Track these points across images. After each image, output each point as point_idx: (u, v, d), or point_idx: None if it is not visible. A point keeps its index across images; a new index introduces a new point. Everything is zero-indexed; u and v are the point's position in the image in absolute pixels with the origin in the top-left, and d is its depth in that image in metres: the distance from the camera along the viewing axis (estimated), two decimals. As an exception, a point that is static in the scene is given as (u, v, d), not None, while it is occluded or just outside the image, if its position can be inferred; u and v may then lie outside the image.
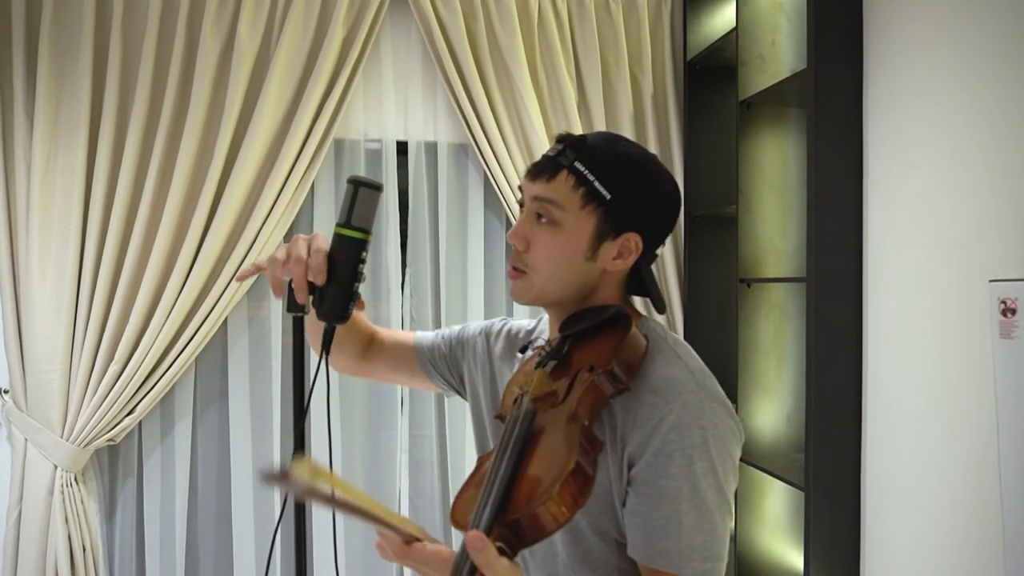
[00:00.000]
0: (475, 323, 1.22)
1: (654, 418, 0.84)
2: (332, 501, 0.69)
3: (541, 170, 0.94)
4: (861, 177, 2.00)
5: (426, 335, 1.25)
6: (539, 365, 0.92)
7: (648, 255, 0.97)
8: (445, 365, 1.21)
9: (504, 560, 0.71)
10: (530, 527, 0.72)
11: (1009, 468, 1.27)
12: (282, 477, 0.68)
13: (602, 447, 0.79)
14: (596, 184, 0.91)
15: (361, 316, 1.20)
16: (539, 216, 0.94)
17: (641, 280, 0.98)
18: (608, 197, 0.91)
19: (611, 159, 0.93)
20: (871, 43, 1.98)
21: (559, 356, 0.91)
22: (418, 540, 0.77)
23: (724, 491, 0.86)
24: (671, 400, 0.85)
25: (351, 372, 1.27)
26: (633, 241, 0.94)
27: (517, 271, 0.96)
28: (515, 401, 0.90)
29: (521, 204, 0.98)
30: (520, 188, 0.98)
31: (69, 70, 2.16)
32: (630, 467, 0.87)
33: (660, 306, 0.96)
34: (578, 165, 0.92)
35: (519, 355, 1.08)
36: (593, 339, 0.91)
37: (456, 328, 1.23)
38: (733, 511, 0.89)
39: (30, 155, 2.13)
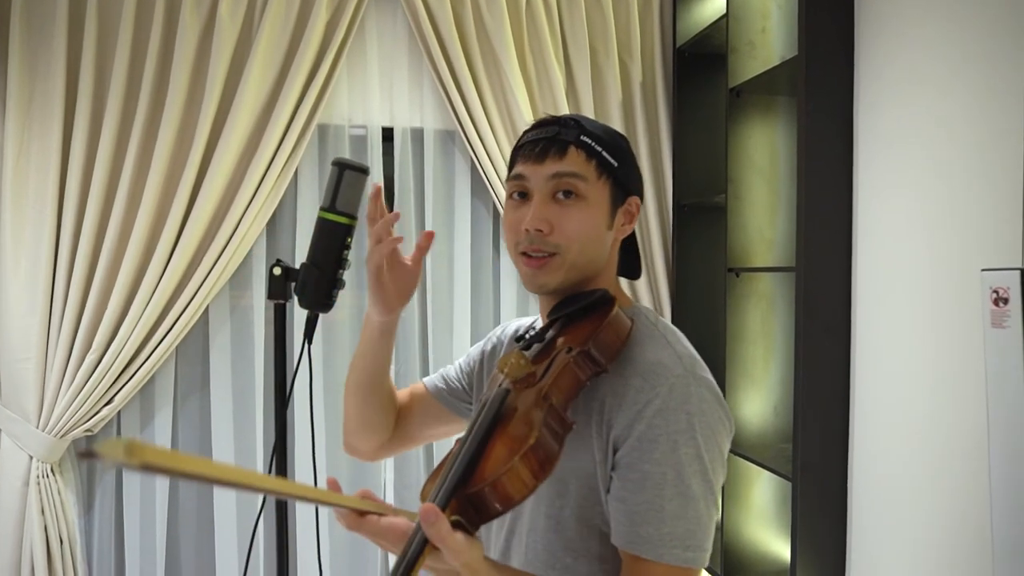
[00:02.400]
0: (477, 344, 1.18)
1: (639, 402, 0.84)
2: (173, 473, 0.55)
3: (545, 150, 0.93)
4: (851, 166, 1.99)
5: (433, 376, 1.20)
6: (523, 348, 0.92)
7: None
8: (465, 394, 1.17)
9: (459, 535, 0.70)
10: (490, 499, 0.73)
11: (999, 458, 1.26)
12: (89, 455, 0.60)
13: (571, 428, 0.79)
14: (604, 154, 0.93)
15: (392, 386, 1.13)
16: (556, 194, 0.92)
17: (628, 248, 1.03)
18: (616, 165, 0.94)
19: (602, 129, 0.96)
20: (863, 30, 1.96)
21: (543, 339, 0.91)
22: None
23: (710, 479, 0.84)
24: (657, 384, 0.84)
25: (386, 454, 1.18)
26: (635, 204, 0.98)
27: (540, 258, 0.93)
28: (499, 386, 0.89)
29: (522, 192, 0.95)
30: (516, 176, 0.95)
31: (43, 50, 2.10)
32: (614, 451, 0.86)
33: (637, 272, 1.02)
34: (584, 139, 0.93)
35: (515, 344, 1.06)
36: (578, 322, 0.91)
37: (462, 357, 1.20)
38: (719, 502, 0.87)
39: (2, 139, 2.07)
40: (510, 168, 0.97)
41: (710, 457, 0.84)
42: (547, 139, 0.93)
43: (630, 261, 1.04)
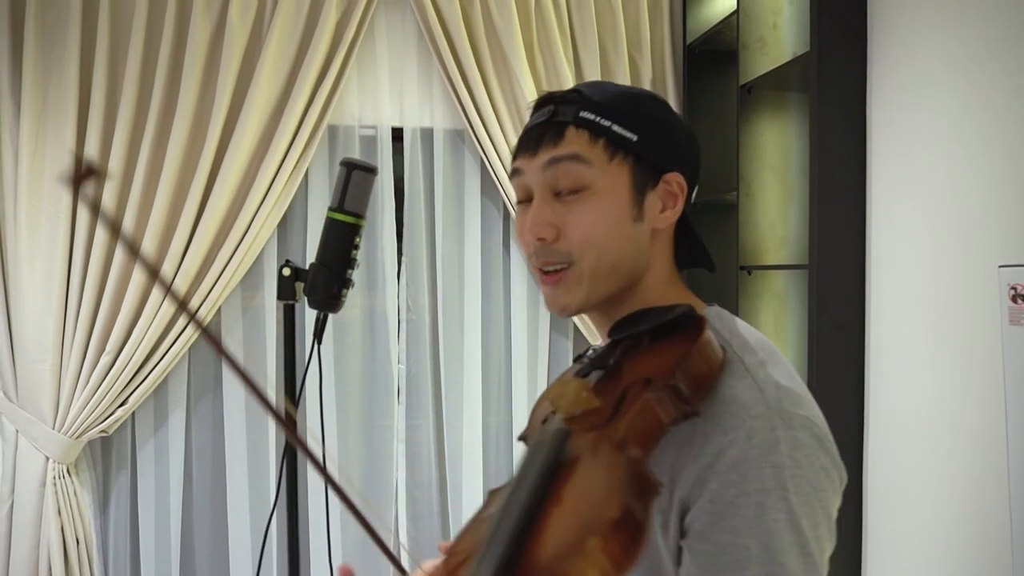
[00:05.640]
0: None
1: (709, 452, 0.65)
2: None
3: (539, 139, 0.76)
4: (864, 162, 1.97)
5: None
6: (579, 375, 0.72)
7: (689, 198, 0.80)
8: None
9: None
10: None
11: (1018, 458, 1.25)
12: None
13: (659, 491, 0.58)
14: (615, 128, 0.74)
15: None
16: (558, 192, 0.75)
17: (687, 238, 0.82)
18: (635, 139, 0.75)
19: (616, 98, 0.77)
20: (875, 25, 1.94)
21: (605, 365, 0.70)
22: None
23: (812, 553, 0.64)
24: (731, 429, 0.65)
25: None
26: (675, 182, 0.78)
27: (554, 272, 0.76)
28: (544, 421, 0.71)
29: (525, 199, 0.78)
30: (515, 172, 0.78)
31: (57, 51, 2.11)
32: (681, 516, 0.66)
33: (709, 263, 0.82)
34: (585, 115, 0.74)
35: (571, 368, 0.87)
36: (653, 346, 0.71)
37: None
38: None
39: (17, 139, 2.09)
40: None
41: (811, 523, 0.64)
42: (542, 123, 0.76)
43: (690, 247, 0.83)
